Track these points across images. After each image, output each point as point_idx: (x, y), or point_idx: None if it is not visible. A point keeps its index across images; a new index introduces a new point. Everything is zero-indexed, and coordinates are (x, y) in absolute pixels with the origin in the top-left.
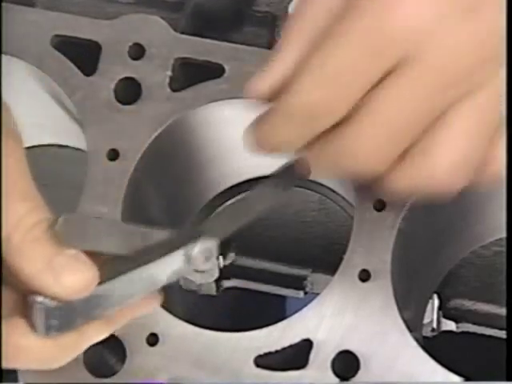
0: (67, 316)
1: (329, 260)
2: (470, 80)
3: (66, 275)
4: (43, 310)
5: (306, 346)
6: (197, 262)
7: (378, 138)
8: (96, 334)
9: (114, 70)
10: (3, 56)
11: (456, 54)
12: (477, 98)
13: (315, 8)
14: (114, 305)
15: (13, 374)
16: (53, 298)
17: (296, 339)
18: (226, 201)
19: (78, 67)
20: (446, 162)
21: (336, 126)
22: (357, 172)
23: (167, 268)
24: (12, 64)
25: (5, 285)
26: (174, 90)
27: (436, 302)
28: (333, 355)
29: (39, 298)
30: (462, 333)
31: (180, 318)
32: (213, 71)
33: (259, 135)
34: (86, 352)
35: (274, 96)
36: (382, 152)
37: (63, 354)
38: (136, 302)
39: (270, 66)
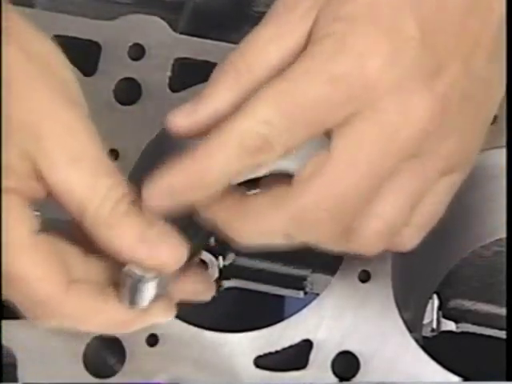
0: (157, 290)
1: (329, 260)
2: (414, 149)
3: (162, 248)
4: (135, 281)
5: (306, 346)
6: None
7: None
8: (162, 313)
9: (113, 70)
10: None
11: (407, 121)
12: (416, 169)
13: (251, 60)
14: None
15: (13, 373)
16: (145, 271)
17: (296, 339)
18: None
19: (78, 68)
20: (372, 233)
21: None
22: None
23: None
24: None
25: (93, 254)
26: (173, 91)
27: (436, 302)
28: (333, 355)
29: (132, 270)
30: (462, 333)
31: (180, 319)
32: (212, 71)
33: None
34: (86, 352)
35: (199, 133)
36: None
37: (131, 326)
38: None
39: (198, 103)
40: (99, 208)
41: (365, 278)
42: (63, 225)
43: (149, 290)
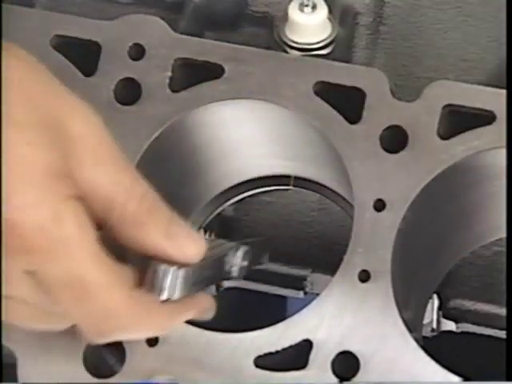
0: (185, 281)
1: (329, 260)
2: None
3: (186, 242)
4: (168, 273)
5: (305, 346)
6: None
7: None
8: (200, 308)
9: (113, 70)
10: None
11: None
12: None
13: None
14: (204, 284)
15: (13, 374)
16: (172, 264)
17: (296, 340)
18: (226, 201)
19: (78, 68)
20: None
21: None
22: None
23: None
24: None
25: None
26: (173, 91)
27: (436, 302)
28: (333, 355)
29: (162, 264)
30: (462, 333)
31: None
32: (212, 72)
33: None
34: (86, 352)
35: None
36: None
37: (168, 324)
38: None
39: None
40: (125, 206)
41: (365, 278)
42: None
43: (181, 281)
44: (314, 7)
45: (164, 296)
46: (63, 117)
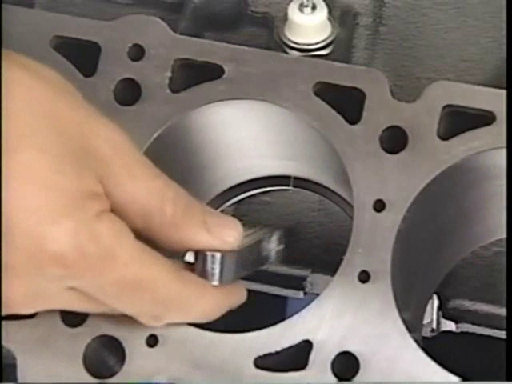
0: (230, 267)
1: (328, 260)
2: None
3: (224, 230)
4: (217, 259)
5: (305, 346)
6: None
7: None
8: (235, 295)
9: (113, 70)
10: None
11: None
12: None
13: None
14: (245, 271)
15: (13, 374)
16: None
17: (296, 340)
18: (226, 202)
19: (78, 68)
20: None
21: None
22: None
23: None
24: None
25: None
26: (173, 91)
27: (436, 302)
28: (333, 356)
29: (206, 253)
30: (462, 333)
31: None
32: (212, 72)
33: None
34: (86, 352)
35: None
36: None
37: (221, 306)
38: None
39: None
40: (163, 211)
41: (365, 278)
42: None
43: (227, 267)
44: (313, 8)
45: (215, 281)
46: (90, 139)
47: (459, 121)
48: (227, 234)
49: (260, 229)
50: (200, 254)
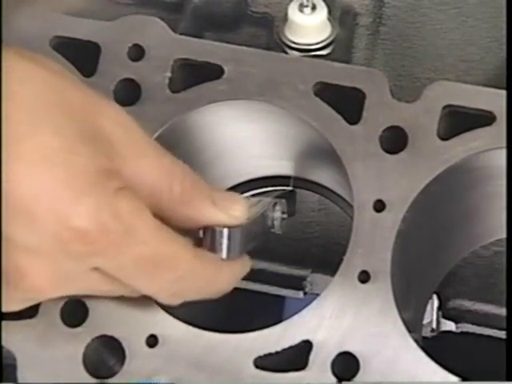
0: (238, 240)
1: (328, 260)
2: None
3: (231, 205)
4: (225, 233)
5: (305, 347)
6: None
7: None
8: (244, 267)
9: (113, 71)
10: None
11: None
12: None
13: None
14: (253, 242)
15: (12, 374)
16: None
17: (296, 340)
18: None
19: (78, 68)
20: None
21: None
22: None
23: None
24: None
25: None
26: (173, 91)
27: (436, 302)
28: (333, 356)
29: (215, 228)
30: (462, 333)
31: (179, 320)
32: (212, 72)
33: None
34: (86, 353)
35: None
36: None
37: (234, 279)
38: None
39: None
40: (171, 187)
41: (365, 278)
42: None
43: (235, 240)
44: (313, 8)
45: (224, 254)
46: (98, 120)
47: (459, 121)
48: (234, 209)
49: (262, 199)
50: (208, 229)
